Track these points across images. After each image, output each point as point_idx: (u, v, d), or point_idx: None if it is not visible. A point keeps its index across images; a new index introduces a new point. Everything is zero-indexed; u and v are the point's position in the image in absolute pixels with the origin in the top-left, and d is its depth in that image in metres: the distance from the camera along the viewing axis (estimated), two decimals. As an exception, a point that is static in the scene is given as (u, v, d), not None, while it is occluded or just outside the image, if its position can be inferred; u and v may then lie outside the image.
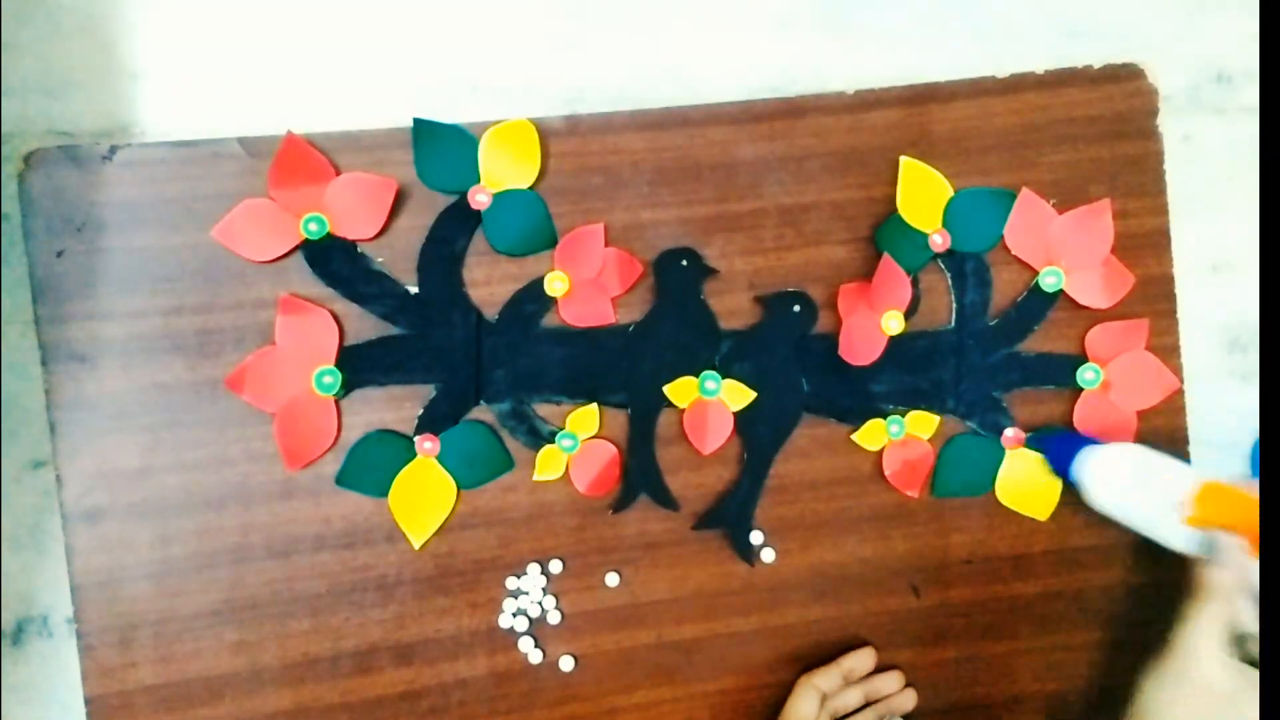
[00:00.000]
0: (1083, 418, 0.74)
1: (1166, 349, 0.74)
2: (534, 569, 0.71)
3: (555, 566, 0.71)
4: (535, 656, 0.71)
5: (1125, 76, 0.74)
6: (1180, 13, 0.77)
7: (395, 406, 0.70)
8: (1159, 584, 0.74)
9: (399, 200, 0.69)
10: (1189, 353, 0.75)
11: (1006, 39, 0.76)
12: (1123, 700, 0.65)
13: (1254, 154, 0.77)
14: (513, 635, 0.71)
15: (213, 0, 0.71)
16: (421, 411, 0.70)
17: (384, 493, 0.70)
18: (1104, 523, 0.74)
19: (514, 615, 0.71)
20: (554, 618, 0.71)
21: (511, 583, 0.71)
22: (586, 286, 0.71)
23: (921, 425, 0.73)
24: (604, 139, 0.72)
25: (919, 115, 0.73)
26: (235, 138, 0.69)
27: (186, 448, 0.69)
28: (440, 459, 0.70)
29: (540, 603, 0.71)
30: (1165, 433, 0.75)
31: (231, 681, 0.69)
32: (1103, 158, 0.74)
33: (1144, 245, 0.74)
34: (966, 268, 0.73)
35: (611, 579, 0.71)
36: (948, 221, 0.73)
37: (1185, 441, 0.75)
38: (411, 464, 0.70)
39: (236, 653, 0.69)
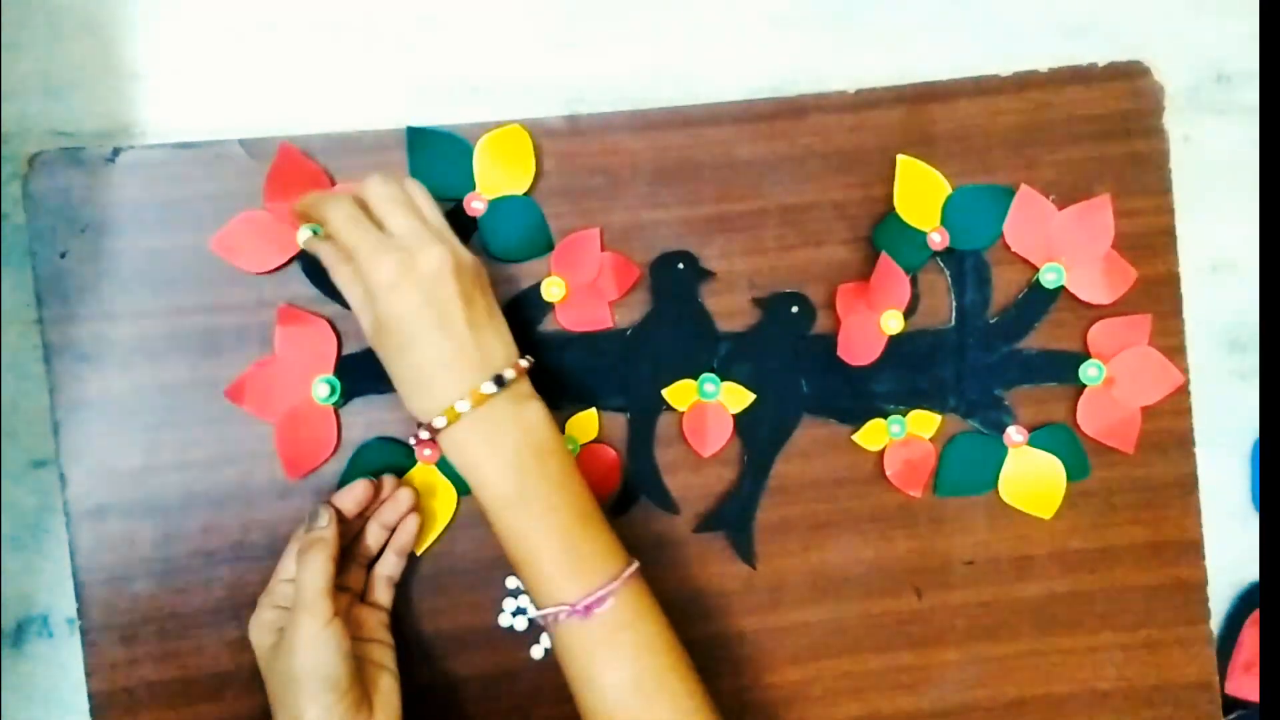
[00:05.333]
0: (1086, 415, 0.74)
1: (1172, 349, 0.74)
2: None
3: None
4: (535, 655, 0.71)
5: (1130, 74, 0.74)
6: (1180, 13, 0.77)
7: (395, 414, 0.70)
8: (1162, 586, 0.74)
9: (397, 203, 0.70)
10: (1189, 352, 0.74)
11: (1006, 39, 0.76)
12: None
13: (1254, 154, 0.77)
14: (513, 635, 0.71)
15: (213, 0, 0.72)
16: (421, 418, 0.70)
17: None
18: (1108, 524, 0.74)
19: (514, 615, 0.71)
20: (554, 617, 0.71)
21: (511, 582, 0.71)
22: (583, 291, 0.71)
23: (923, 425, 0.73)
24: (604, 139, 0.72)
25: (920, 114, 0.73)
26: (236, 139, 0.69)
27: (189, 447, 0.69)
28: (440, 465, 0.70)
29: (540, 602, 0.71)
30: (1171, 434, 0.74)
31: (233, 678, 0.69)
32: (1108, 156, 0.74)
33: (1149, 244, 0.74)
34: (966, 266, 0.73)
35: (612, 580, 0.71)
36: (946, 219, 0.73)
37: (1192, 443, 0.74)
38: (412, 471, 0.70)
39: (238, 650, 0.69)
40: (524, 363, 0.63)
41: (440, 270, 0.60)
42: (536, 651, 0.71)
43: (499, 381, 0.60)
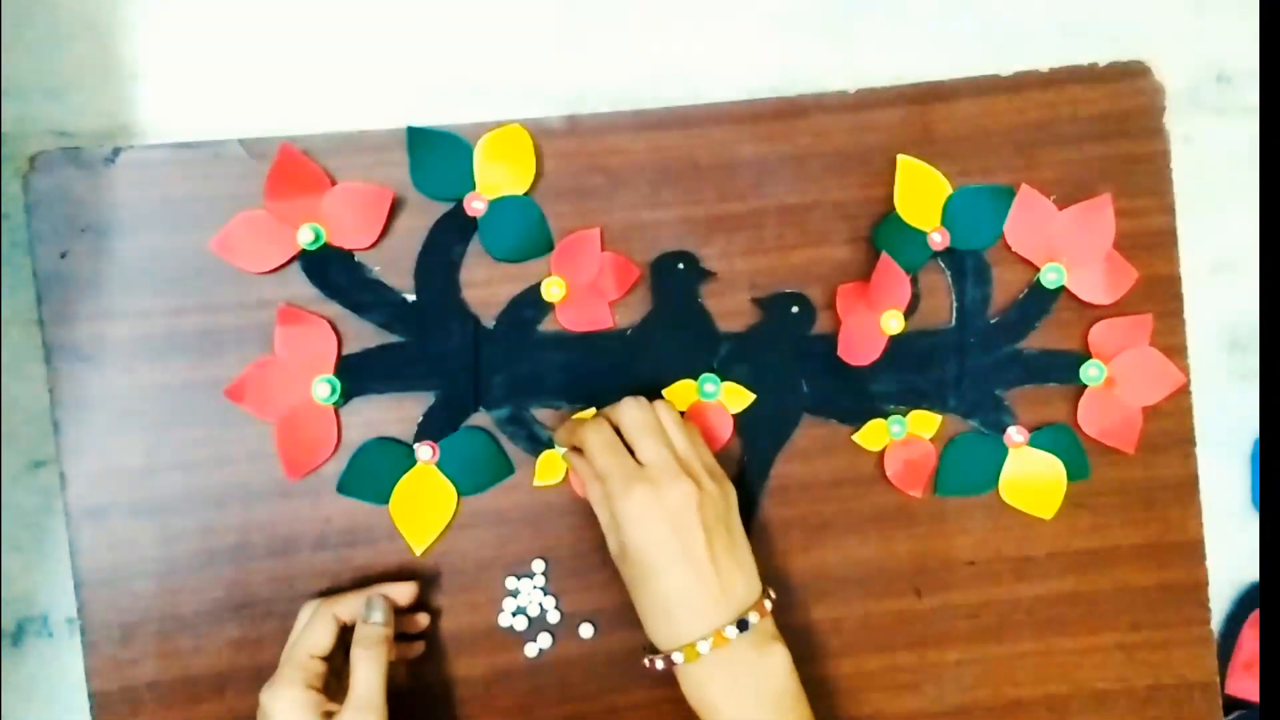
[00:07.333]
0: (1087, 415, 0.73)
1: (1173, 349, 0.74)
2: (535, 567, 0.71)
3: (555, 566, 0.71)
4: (530, 654, 0.71)
5: (1131, 74, 0.74)
6: (1180, 13, 0.77)
7: (395, 414, 0.70)
8: (1162, 586, 0.74)
9: (396, 204, 0.70)
10: (1189, 352, 0.74)
11: (1006, 39, 0.76)
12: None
13: (1254, 154, 0.77)
14: (513, 635, 0.71)
15: (213, 0, 0.72)
16: (421, 418, 0.70)
17: (385, 500, 0.70)
18: (1108, 524, 0.74)
19: (514, 615, 0.71)
20: (553, 617, 0.71)
21: (511, 582, 0.71)
22: (583, 291, 0.71)
23: (923, 425, 0.73)
24: (604, 139, 0.72)
25: (921, 114, 0.73)
26: (236, 139, 0.69)
27: (189, 447, 0.69)
28: (440, 466, 0.70)
29: (540, 602, 0.71)
30: (1171, 434, 0.74)
31: (234, 678, 0.69)
32: (1108, 156, 0.74)
33: (1150, 244, 0.74)
34: (966, 265, 0.73)
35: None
36: (946, 219, 0.73)
37: (1192, 443, 0.74)
38: (412, 471, 0.70)
39: (238, 649, 0.69)
40: (767, 603, 0.63)
41: (685, 505, 0.61)
42: (531, 650, 0.71)
43: (742, 625, 0.61)
